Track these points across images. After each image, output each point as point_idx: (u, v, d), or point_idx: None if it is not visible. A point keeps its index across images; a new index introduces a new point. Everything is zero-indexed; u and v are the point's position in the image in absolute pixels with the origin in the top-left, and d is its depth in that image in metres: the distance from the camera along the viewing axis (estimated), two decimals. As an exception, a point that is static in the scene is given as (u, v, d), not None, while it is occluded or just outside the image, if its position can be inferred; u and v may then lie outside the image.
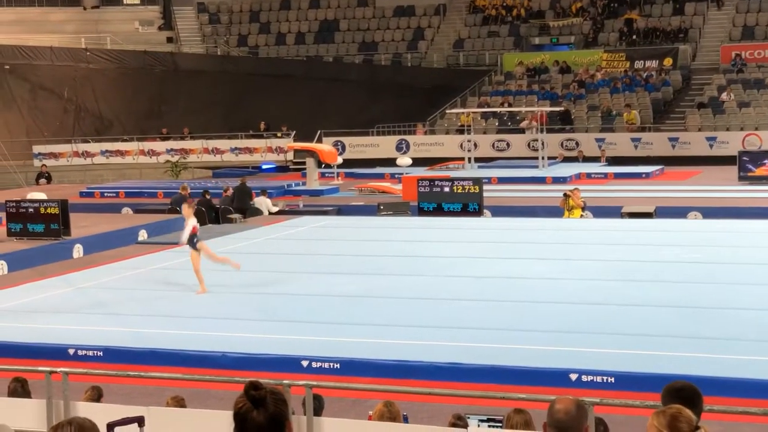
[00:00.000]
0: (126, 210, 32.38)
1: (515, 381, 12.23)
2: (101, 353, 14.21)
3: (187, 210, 18.49)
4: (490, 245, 22.91)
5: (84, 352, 14.29)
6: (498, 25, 52.53)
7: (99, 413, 8.22)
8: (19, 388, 10.43)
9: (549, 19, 51.97)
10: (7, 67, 48.32)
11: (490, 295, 17.30)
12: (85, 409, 9.05)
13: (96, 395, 10.19)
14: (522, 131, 44.28)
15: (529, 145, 42.83)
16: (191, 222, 18.09)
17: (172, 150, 46.39)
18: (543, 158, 39.05)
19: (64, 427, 4.27)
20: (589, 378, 12.27)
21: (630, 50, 48.62)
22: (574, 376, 12.34)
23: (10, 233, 24.89)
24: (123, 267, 21.39)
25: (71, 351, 14.31)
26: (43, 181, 41.36)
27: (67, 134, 48.78)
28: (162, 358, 13.80)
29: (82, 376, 11.04)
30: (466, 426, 8.80)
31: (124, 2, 56.80)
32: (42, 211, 24.63)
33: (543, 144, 39.29)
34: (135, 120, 49.87)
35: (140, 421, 8.08)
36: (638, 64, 47.88)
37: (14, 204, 25.22)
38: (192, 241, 18.00)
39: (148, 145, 47.16)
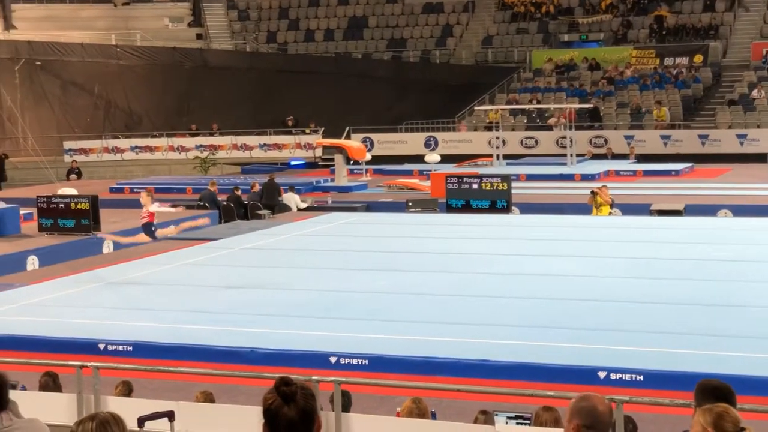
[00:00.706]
0: (156, 205, 32.44)
1: (543, 378, 12.21)
2: (131, 348, 14.28)
3: (145, 198, 18.37)
4: (518, 242, 22.88)
5: (114, 347, 14.37)
6: (527, 22, 52.41)
7: (129, 408, 8.29)
8: (51, 383, 10.52)
9: (578, 16, 51.79)
10: (39, 63, 48.59)
11: (518, 292, 17.28)
12: (116, 404, 9.11)
13: (126, 390, 10.27)
14: (550, 128, 44.17)
15: (557, 142, 42.72)
16: (151, 208, 18.01)
17: (201, 146, 46.53)
18: (571, 155, 38.93)
19: (86, 422, 4.30)
20: (618, 376, 12.24)
21: (660, 47, 48.39)
22: (602, 374, 12.32)
23: (42, 228, 25.08)
24: (152, 262, 21.48)
25: (101, 346, 14.40)
26: (73, 176, 41.60)
27: (97, 130, 49.02)
28: (191, 354, 13.86)
29: (112, 370, 11.11)
30: (493, 423, 8.81)
31: (155, -1, 57.05)
32: (72, 206, 24.80)
33: (571, 141, 39.17)
34: (164, 116, 50.06)
35: (170, 415, 8.12)
36: (668, 61, 47.66)
37: (45, 199, 25.41)
38: (150, 229, 17.87)
39: (177, 141, 47.33)
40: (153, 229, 17.66)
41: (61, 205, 25.00)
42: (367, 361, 13.27)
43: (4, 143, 44.96)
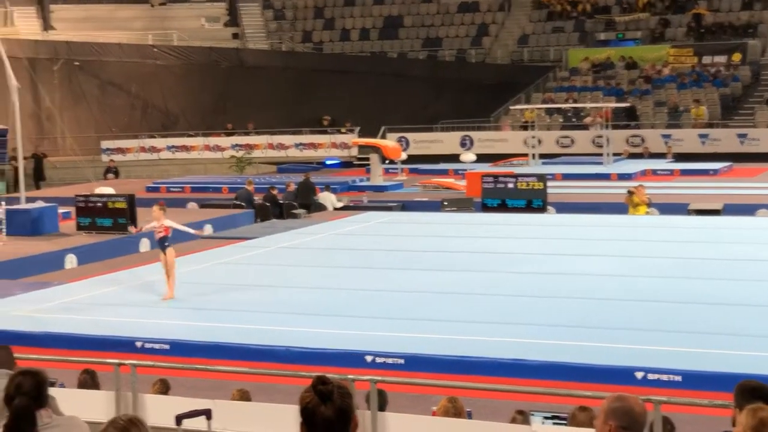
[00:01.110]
0: (191, 205, 32.65)
1: (580, 378, 12.16)
2: (168, 346, 14.36)
3: (157, 212, 17.95)
4: (554, 242, 22.80)
5: (151, 345, 14.46)
6: (563, 21, 52.22)
7: (167, 406, 8.33)
8: (89, 380, 10.58)
9: (615, 15, 51.52)
10: (77, 63, 48.94)
11: (554, 291, 17.22)
12: (153, 402, 9.16)
13: (163, 388, 10.32)
14: (586, 127, 43.98)
15: (593, 141, 42.53)
16: (166, 223, 17.65)
17: (236, 145, 46.68)
18: (608, 155, 38.76)
19: (107, 428, 4.32)
20: (656, 376, 12.18)
21: (698, 45, 48.05)
22: (639, 374, 12.26)
23: (80, 227, 25.26)
24: (188, 261, 21.54)
25: (138, 344, 14.49)
26: (110, 175, 41.86)
27: (134, 130, 49.30)
28: (227, 352, 13.92)
29: (150, 368, 11.16)
30: (529, 422, 8.78)
31: (191, -1, 57.30)
32: (110, 205, 24.96)
33: (608, 140, 38.99)
34: (200, 115, 50.27)
35: (208, 413, 8.16)
36: (706, 60, 47.30)
37: (83, 198, 25.60)
38: (162, 244, 17.60)
39: (213, 141, 47.52)
40: (166, 244, 17.43)
41: (99, 204, 25.17)
42: (402, 360, 13.28)
43: (43, 143, 45.31)
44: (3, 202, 26.61)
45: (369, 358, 13.38)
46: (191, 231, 18.26)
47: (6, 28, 48.02)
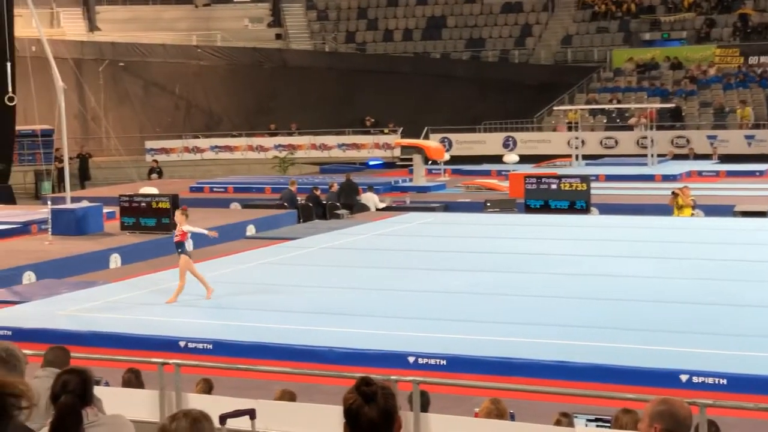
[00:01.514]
0: (234, 205, 32.77)
1: (624, 381, 12.09)
2: (211, 346, 14.43)
3: (179, 217, 17.86)
4: (598, 243, 22.69)
5: (194, 344, 14.53)
6: (607, 21, 51.94)
7: (210, 405, 8.34)
8: (133, 379, 10.65)
9: (660, 15, 51.18)
10: (122, 64, 49.31)
11: (598, 293, 17.13)
12: (197, 401, 9.20)
13: (207, 387, 10.36)
14: (630, 128, 43.73)
15: (638, 142, 42.29)
16: (184, 228, 17.55)
17: (279, 146, 46.83)
18: (652, 156, 38.52)
19: (179, 419, 4.35)
20: (700, 379, 12.08)
21: (744, 45, 47.62)
22: (684, 377, 12.17)
23: (124, 227, 25.44)
24: (231, 261, 21.66)
25: (182, 343, 14.56)
26: (154, 175, 42.12)
27: (177, 130, 49.59)
28: (269, 352, 13.96)
29: (193, 368, 11.22)
30: (573, 425, 8.74)
31: (235, 0, 57.50)
32: (154, 205, 25.12)
33: (652, 141, 38.75)
34: (244, 116, 50.49)
35: (252, 413, 8.18)
36: (752, 60, 46.89)
37: (127, 198, 25.78)
38: (177, 248, 17.52)
39: (256, 141, 47.70)
40: (180, 250, 17.34)
41: (143, 204, 25.33)
42: (444, 361, 13.26)
43: (88, 143, 45.67)
44: (49, 202, 26.84)
45: (411, 359, 13.37)
46: (205, 232, 18.25)
47: (52, 30, 48.45)
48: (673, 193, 26.61)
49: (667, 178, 34.75)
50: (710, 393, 11.34)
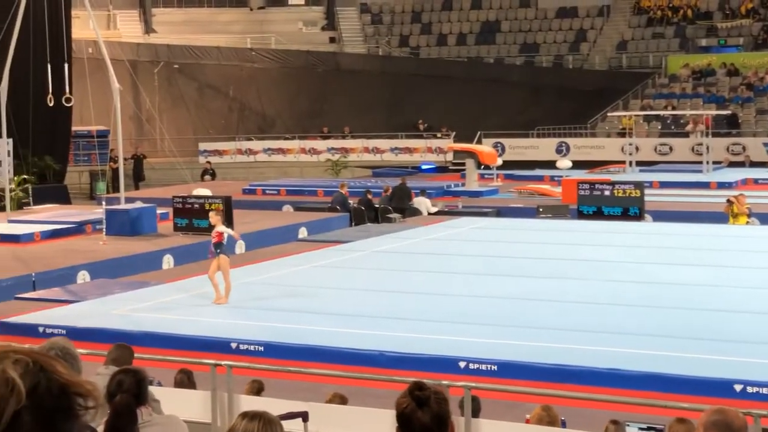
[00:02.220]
0: (287, 207, 32.87)
1: (676, 389, 11.98)
2: (262, 348, 14.47)
3: (215, 218, 17.83)
4: (652, 250, 22.51)
5: (246, 346, 14.58)
6: (663, 27, 51.57)
7: (262, 407, 8.36)
8: (185, 380, 10.71)
9: (717, 21, 50.75)
10: (177, 66, 49.68)
11: (651, 300, 17.00)
12: (248, 403, 9.22)
13: (258, 389, 10.40)
14: (686, 135, 43.35)
15: (692, 149, 41.93)
16: (219, 229, 17.48)
17: (332, 149, 46.96)
18: (707, 163, 38.17)
19: (253, 420, 4.37)
20: (755, 389, 11.95)
21: (802, 52, 47.15)
22: (738, 387, 12.04)
23: (177, 228, 25.59)
24: (283, 264, 21.73)
25: (233, 345, 14.62)
26: (207, 177, 42.36)
27: (231, 132, 49.87)
28: (320, 355, 13.98)
29: (245, 369, 11.26)
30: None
31: (289, 3, 57.73)
32: (207, 207, 25.21)
33: (708, 148, 38.40)
34: (297, 119, 50.67)
35: (304, 416, 8.19)
36: (810, 67, 46.38)
37: (181, 199, 25.92)
38: (221, 248, 17.46)
39: (309, 144, 47.86)
40: (220, 250, 17.27)
41: (196, 206, 25.47)
42: (495, 367, 13.21)
43: (142, 144, 46.06)
44: (103, 202, 27.09)
45: (462, 364, 13.34)
46: (233, 234, 18.23)
47: (109, 32, 48.92)
48: (728, 200, 26.35)
49: (722, 185, 34.41)
50: (765, 403, 11.22)
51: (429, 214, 30.53)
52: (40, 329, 15.71)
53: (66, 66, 29.82)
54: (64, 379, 1.96)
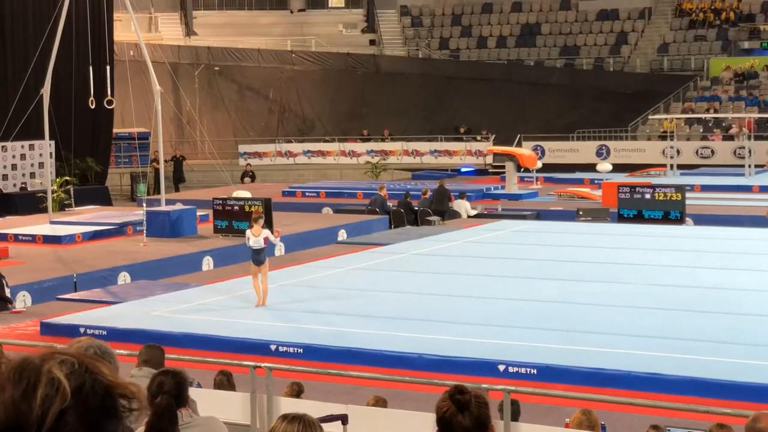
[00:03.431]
0: (326, 210, 32.94)
1: (717, 395, 11.89)
2: (301, 350, 14.50)
3: (257, 228, 17.73)
4: (693, 254, 22.37)
5: (285, 348, 14.61)
6: (705, 29, 51.22)
7: (301, 409, 8.38)
8: (225, 381, 10.76)
9: (759, 23, 50.34)
10: (217, 68, 49.94)
11: (692, 305, 16.88)
12: (288, 405, 9.25)
13: (297, 391, 10.42)
14: (730, 138, 43.02)
15: (734, 152, 41.62)
16: (264, 234, 17.40)
17: (372, 151, 47.00)
18: (749, 166, 37.88)
19: (293, 422, 4.38)
20: (797, 395, 11.83)
21: None
22: (781, 393, 11.93)
23: (217, 230, 25.69)
24: (323, 266, 21.77)
25: (273, 347, 14.66)
26: (247, 179, 42.51)
27: (271, 134, 50.06)
28: (359, 358, 13.98)
29: (285, 371, 11.29)
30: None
31: (329, 5, 57.87)
32: (246, 209, 25.29)
33: (750, 152, 38.11)
34: (336, 121, 50.77)
35: (344, 419, 8.20)
36: None
37: (221, 201, 26.02)
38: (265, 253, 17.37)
39: (348, 146, 47.93)
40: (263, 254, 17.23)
41: (236, 208, 25.55)
42: (535, 371, 13.16)
43: (183, 146, 46.33)
44: (144, 204, 27.26)
45: (501, 368, 13.30)
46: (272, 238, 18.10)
47: (150, 34, 49.23)
48: (770, 204, 26.17)
49: (764, 189, 34.12)
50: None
51: (468, 216, 30.49)
52: (81, 330, 15.81)
53: (108, 68, 30.10)
54: (109, 380, 1.98)
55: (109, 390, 1.97)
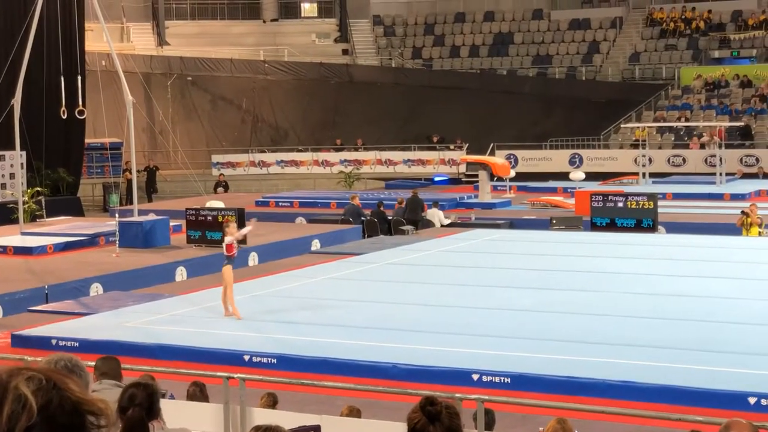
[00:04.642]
0: (300, 220, 32.90)
1: (690, 402, 11.93)
2: (275, 360, 14.45)
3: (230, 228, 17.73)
4: (665, 262, 22.44)
5: (258, 359, 14.56)
6: (676, 38, 51.53)
7: (275, 420, 8.35)
8: (198, 392, 10.71)
9: (730, 32, 50.69)
10: (190, 78, 49.83)
11: (665, 313, 16.93)
12: (261, 416, 9.21)
13: (271, 401, 10.39)
14: (702, 147, 43.25)
15: (706, 161, 41.85)
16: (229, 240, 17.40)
17: (345, 161, 46.99)
18: (721, 174, 38.10)
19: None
20: (770, 402, 11.89)
21: (815, 64, 47.03)
22: (753, 400, 11.97)
23: (190, 240, 25.61)
24: (296, 276, 21.73)
25: (246, 357, 14.61)
26: (220, 189, 42.42)
27: (244, 144, 49.98)
28: (333, 367, 13.95)
29: (258, 382, 11.25)
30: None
31: (302, 15, 57.88)
32: (220, 219, 25.24)
33: (721, 160, 38.33)
34: (310, 131, 50.76)
35: (317, 429, 8.18)
36: (823, 79, 46.25)
37: (194, 212, 25.95)
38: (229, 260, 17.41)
39: (322, 156, 47.90)
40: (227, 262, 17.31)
41: (209, 218, 25.48)
42: (509, 379, 13.17)
43: (155, 156, 46.17)
44: (116, 215, 27.16)
45: (475, 377, 13.30)
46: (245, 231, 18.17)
47: (122, 44, 49.09)
48: (742, 212, 26.29)
49: (735, 197, 34.33)
50: (780, 416, 11.17)
51: (442, 225, 30.52)
52: (53, 342, 15.73)
53: (79, 78, 29.96)
54: (77, 396, 1.96)
55: (77, 406, 1.94)
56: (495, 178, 37.21)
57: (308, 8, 58.13)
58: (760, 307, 17.28)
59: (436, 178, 44.91)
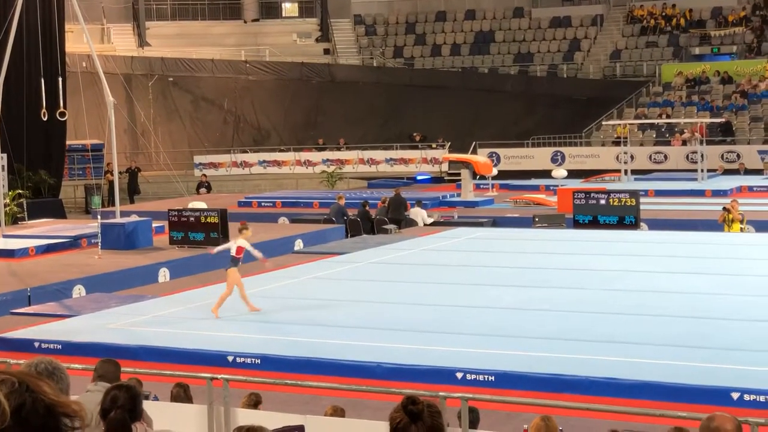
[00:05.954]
0: (282, 220, 32.87)
1: (674, 398, 11.96)
2: (259, 361, 14.43)
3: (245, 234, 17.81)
4: (648, 259, 22.50)
5: (242, 359, 14.54)
6: (656, 35, 51.66)
7: (259, 420, 8.34)
8: (182, 393, 10.68)
9: (710, 29, 50.85)
10: (171, 79, 49.70)
11: (648, 309, 16.97)
12: (245, 416, 9.20)
13: (254, 402, 10.37)
14: (683, 143, 43.39)
15: (687, 157, 41.97)
16: (241, 243, 17.43)
17: (328, 160, 46.96)
18: (702, 171, 38.21)
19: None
20: (752, 397, 11.92)
21: (795, 60, 47.20)
22: (735, 395, 12.01)
23: (173, 241, 25.56)
24: (280, 276, 21.70)
25: (230, 358, 14.58)
26: (203, 190, 42.35)
27: (226, 145, 49.89)
28: (317, 367, 13.95)
29: (242, 383, 11.23)
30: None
31: (283, 15, 57.81)
32: (202, 220, 25.22)
33: (702, 156, 38.44)
34: (292, 130, 50.70)
35: (301, 429, 8.17)
36: (803, 74, 46.43)
37: (176, 213, 25.90)
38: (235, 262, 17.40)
39: (304, 156, 47.85)
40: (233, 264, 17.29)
41: (192, 219, 25.44)
42: (493, 378, 13.18)
43: (137, 157, 46.04)
44: (98, 216, 27.06)
45: (459, 375, 13.30)
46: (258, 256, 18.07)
47: (103, 45, 48.94)
48: (724, 208, 26.38)
49: (717, 193, 34.43)
50: (763, 411, 11.21)
51: (425, 224, 30.53)
52: (36, 344, 15.68)
53: (60, 80, 29.83)
54: (50, 399, 1.94)
55: (51, 409, 1.93)
56: (477, 177, 37.23)
57: (289, 8, 58.07)
58: (741, 302, 17.34)
59: (419, 177, 44.92)
